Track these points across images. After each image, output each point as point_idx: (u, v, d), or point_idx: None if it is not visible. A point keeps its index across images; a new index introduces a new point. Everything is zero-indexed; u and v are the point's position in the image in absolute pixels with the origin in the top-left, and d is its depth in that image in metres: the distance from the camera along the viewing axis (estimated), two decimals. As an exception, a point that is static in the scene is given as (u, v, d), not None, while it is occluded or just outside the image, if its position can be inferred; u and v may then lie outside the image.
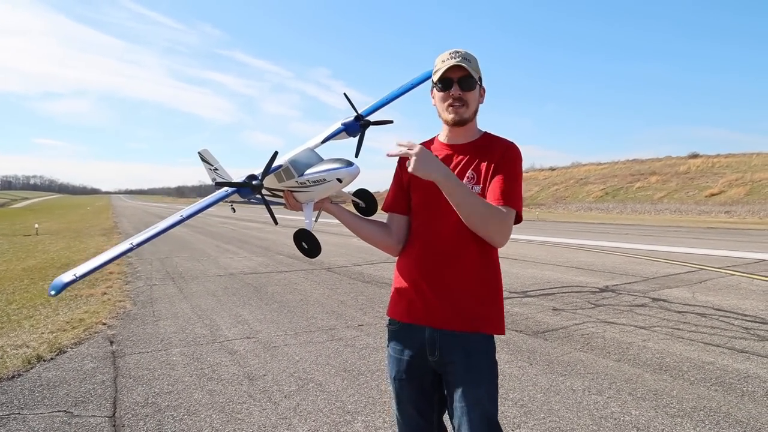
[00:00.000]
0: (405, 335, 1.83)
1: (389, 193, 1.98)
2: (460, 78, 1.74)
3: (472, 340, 1.74)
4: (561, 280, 8.34)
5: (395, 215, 1.94)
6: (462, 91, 1.75)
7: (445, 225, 1.77)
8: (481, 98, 1.84)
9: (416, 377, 1.82)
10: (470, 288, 1.76)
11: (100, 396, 3.72)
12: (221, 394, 3.75)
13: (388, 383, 2.06)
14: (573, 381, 3.91)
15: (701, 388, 3.74)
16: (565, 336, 5.09)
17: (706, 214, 33.44)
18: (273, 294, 7.52)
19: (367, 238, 1.93)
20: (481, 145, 1.83)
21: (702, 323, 5.54)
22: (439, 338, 1.75)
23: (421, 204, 1.85)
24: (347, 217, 1.92)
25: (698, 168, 44.58)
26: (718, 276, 8.62)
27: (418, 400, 1.83)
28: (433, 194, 1.77)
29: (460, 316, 1.75)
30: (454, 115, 1.77)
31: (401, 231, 1.92)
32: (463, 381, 1.71)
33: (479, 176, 1.77)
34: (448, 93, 1.76)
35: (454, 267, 1.76)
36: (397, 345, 1.86)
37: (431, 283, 1.78)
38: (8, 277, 9.36)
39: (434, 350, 1.76)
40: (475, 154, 1.81)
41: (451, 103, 1.77)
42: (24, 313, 6.32)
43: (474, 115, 1.81)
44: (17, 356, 4.58)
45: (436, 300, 1.76)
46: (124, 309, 6.50)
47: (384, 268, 9.76)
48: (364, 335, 5.25)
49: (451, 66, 1.73)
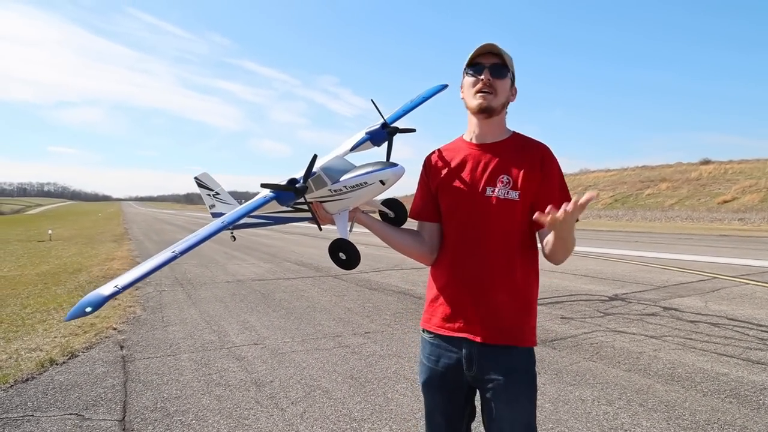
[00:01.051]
0: (440, 346, 1.76)
1: (416, 199, 1.89)
2: (493, 65, 1.67)
3: (513, 355, 1.67)
4: (570, 288, 8.27)
5: (426, 223, 1.85)
6: (493, 78, 1.67)
7: (484, 233, 1.69)
8: (513, 96, 1.75)
9: (449, 389, 1.75)
10: (511, 299, 1.68)
11: (110, 400, 3.75)
12: (229, 399, 3.76)
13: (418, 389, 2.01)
14: (582, 391, 3.87)
15: (715, 400, 3.68)
16: (574, 345, 5.05)
17: (718, 222, 33.01)
18: (280, 301, 7.54)
19: (400, 249, 1.85)
20: (513, 146, 1.73)
21: (715, 333, 5.46)
22: (476, 352, 1.68)
23: (453, 210, 1.76)
24: (380, 227, 1.85)
25: (710, 174, 44.06)
26: (731, 285, 8.49)
27: (449, 411, 1.77)
28: (465, 200, 1.71)
29: (500, 329, 1.67)
30: (482, 101, 1.67)
31: (434, 239, 1.83)
32: (501, 399, 1.64)
33: (516, 182, 1.67)
34: (478, 78, 1.68)
35: (495, 277, 1.67)
36: (431, 355, 1.78)
37: (470, 294, 1.69)
38: (23, 281, 9.49)
39: (471, 365, 1.69)
40: (507, 157, 1.71)
41: (479, 89, 1.68)
42: (38, 317, 6.40)
43: (502, 108, 1.72)
44: (31, 359, 4.64)
45: (475, 313, 1.69)
46: (134, 314, 6.56)
47: (391, 276, 9.75)
48: (371, 342, 5.24)
49: (484, 52, 1.67)
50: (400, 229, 1.90)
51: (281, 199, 1.80)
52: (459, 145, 1.82)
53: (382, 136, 2.10)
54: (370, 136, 2.10)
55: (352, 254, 1.81)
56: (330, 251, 1.83)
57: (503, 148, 1.73)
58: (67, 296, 7.84)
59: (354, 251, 1.81)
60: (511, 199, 1.66)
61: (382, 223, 1.88)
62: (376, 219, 1.89)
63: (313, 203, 1.86)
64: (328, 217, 1.86)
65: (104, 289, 1.41)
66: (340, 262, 1.83)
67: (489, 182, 1.69)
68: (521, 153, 1.71)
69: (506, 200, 1.67)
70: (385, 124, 2.10)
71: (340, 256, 1.82)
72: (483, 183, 1.70)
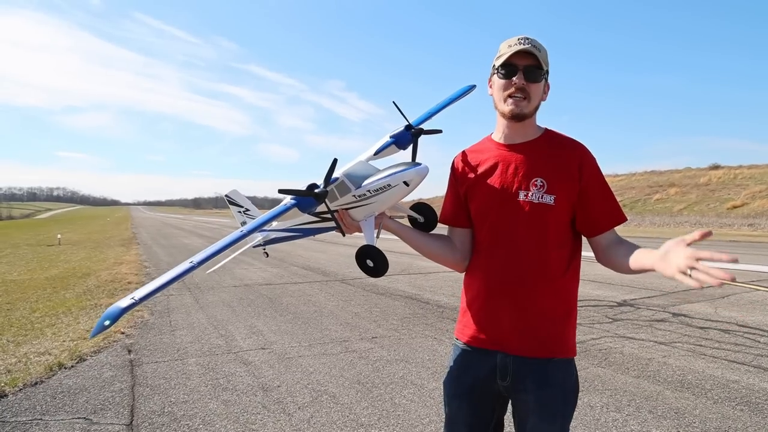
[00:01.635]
0: (473, 357, 1.68)
1: (446, 204, 1.81)
2: (527, 67, 1.55)
3: (549, 368, 1.59)
4: (578, 294, 8.21)
5: (456, 229, 1.77)
6: (527, 82, 1.55)
7: (519, 238, 1.60)
8: (545, 95, 1.63)
9: (477, 400, 1.67)
10: (552, 307, 1.60)
11: (118, 404, 3.77)
12: (236, 404, 3.77)
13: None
14: (591, 397, 3.84)
15: (726, 408, 3.63)
16: (583, 351, 5.01)
17: (728, 227, 32.70)
18: (287, 305, 7.55)
19: (431, 256, 1.78)
20: (546, 145, 1.63)
21: (725, 340, 5.40)
22: (511, 364, 1.60)
23: (485, 216, 1.67)
24: (409, 234, 1.77)
25: (719, 179, 43.67)
26: (742, 291, 8.40)
27: (475, 424, 1.68)
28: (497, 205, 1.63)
29: (539, 339, 1.59)
30: (514, 107, 1.57)
31: (466, 246, 1.75)
32: (535, 413, 1.58)
33: (551, 185, 1.58)
34: (510, 81, 1.56)
35: (535, 284, 1.59)
36: (462, 364, 1.70)
37: (507, 303, 1.60)
38: (32, 286, 9.57)
39: (506, 376, 1.61)
40: (540, 157, 1.61)
41: (511, 93, 1.56)
42: (47, 321, 6.45)
43: (535, 111, 1.61)
44: (40, 363, 4.67)
45: (511, 323, 1.60)
46: (141, 318, 6.59)
47: (398, 281, 9.74)
48: (378, 347, 5.23)
49: (518, 51, 1.53)
50: (430, 235, 1.82)
51: (302, 206, 1.72)
52: (487, 146, 1.71)
53: (406, 138, 1.99)
54: (394, 139, 2.01)
55: (379, 261, 1.74)
56: (357, 258, 1.77)
57: (535, 148, 1.63)
58: (75, 300, 7.89)
59: (382, 258, 1.74)
60: (546, 203, 1.57)
61: (411, 230, 1.80)
62: (404, 225, 1.80)
63: (339, 211, 1.79)
64: (355, 225, 1.78)
65: (122, 301, 1.41)
66: (367, 269, 1.77)
67: (522, 186, 1.59)
68: (556, 153, 1.61)
69: (541, 204, 1.57)
70: (409, 126, 2.00)
71: (368, 263, 1.76)
72: (516, 187, 1.60)
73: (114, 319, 1.36)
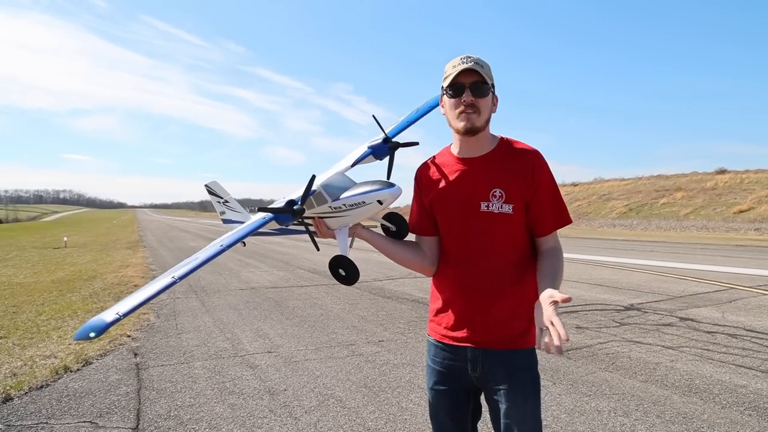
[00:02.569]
0: (446, 351, 1.83)
1: (413, 214, 1.92)
2: (473, 83, 1.66)
3: (516, 358, 1.73)
4: (585, 298, 8.18)
5: (424, 237, 1.89)
6: (474, 97, 1.66)
7: (484, 246, 1.74)
8: (494, 107, 1.75)
9: (454, 388, 1.82)
10: (517, 306, 1.74)
11: (124, 407, 3.78)
12: (242, 408, 3.77)
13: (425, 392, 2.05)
14: (598, 402, 3.81)
15: (734, 413, 3.60)
16: (590, 355, 4.98)
17: (734, 232, 32.48)
18: (294, 308, 7.55)
19: (402, 262, 1.89)
20: (501, 156, 1.74)
21: (733, 344, 5.36)
22: (481, 356, 1.75)
23: (450, 226, 1.80)
24: (381, 242, 1.88)
25: (726, 184, 43.43)
26: (749, 295, 8.34)
27: (454, 410, 1.84)
28: (460, 215, 1.76)
29: (503, 334, 1.74)
30: (466, 122, 1.68)
31: (434, 252, 1.88)
32: (507, 398, 1.71)
33: (509, 194, 1.70)
34: (459, 99, 1.68)
35: (502, 287, 1.73)
36: (437, 357, 1.86)
37: (477, 306, 1.75)
38: (38, 288, 9.62)
39: (476, 367, 1.76)
40: (497, 169, 1.72)
41: (462, 110, 1.68)
42: (52, 324, 6.48)
43: (486, 123, 1.73)
44: (46, 366, 4.69)
45: (481, 323, 1.75)
46: (147, 321, 6.61)
47: (405, 284, 9.73)
48: (384, 351, 5.22)
49: (463, 70, 1.65)
50: (401, 242, 1.92)
51: (280, 220, 1.84)
52: (448, 159, 1.83)
53: (383, 150, 2.11)
54: (372, 150, 2.11)
55: (350, 270, 1.84)
56: (330, 267, 1.86)
57: (492, 160, 1.74)
58: (81, 303, 7.93)
59: (353, 268, 1.83)
60: (505, 212, 1.70)
61: (383, 238, 1.90)
62: (377, 234, 1.90)
63: (315, 218, 1.90)
64: (329, 233, 1.88)
65: (107, 314, 1.42)
66: (340, 277, 1.86)
67: (482, 197, 1.71)
68: (511, 163, 1.72)
69: (501, 214, 1.70)
70: (387, 138, 2.10)
71: (340, 272, 1.85)
72: (476, 198, 1.72)
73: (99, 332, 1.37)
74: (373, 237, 1.87)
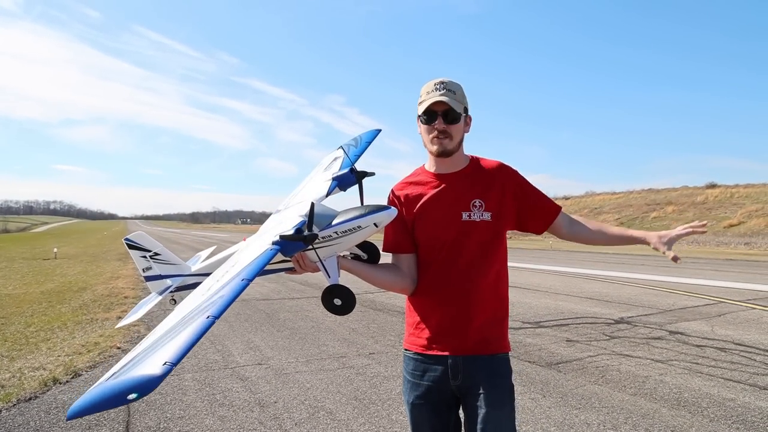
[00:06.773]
0: (425, 363, 1.85)
1: (388, 234, 1.94)
2: (444, 111, 1.78)
3: (494, 362, 1.81)
4: (575, 311, 8.22)
5: (402, 255, 1.91)
6: (446, 125, 1.78)
7: (467, 254, 1.81)
8: (467, 127, 1.87)
9: (434, 401, 1.84)
10: (489, 313, 1.82)
11: (113, 420, 3.75)
12: (232, 420, 3.75)
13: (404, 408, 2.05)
14: (588, 415, 3.84)
15: (722, 426, 3.64)
16: (580, 368, 5.01)
17: (724, 246, 32.78)
18: (285, 320, 7.53)
19: (383, 285, 1.91)
20: (476, 171, 1.88)
21: (722, 358, 5.41)
22: (461, 363, 1.79)
23: (434, 238, 1.85)
24: (361, 269, 1.87)
25: (716, 198, 43.92)
26: (738, 309, 8.42)
27: (436, 424, 1.85)
28: (444, 227, 1.82)
29: (483, 342, 1.81)
30: (439, 146, 1.81)
31: (412, 269, 1.90)
32: (485, 403, 1.74)
33: (488, 203, 1.83)
34: (432, 126, 1.80)
35: (483, 294, 1.81)
36: (416, 371, 1.87)
37: (458, 313, 1.81)
38: (27, 300, 9.53)
39: (457, 375, 1.79)
40: (472, 182, 1.86)
41: (435, 136, 1.80)
42: (41, 335, 6.42)
43: (459, 145, 1.85)
44: (34, 378, 4.64)
45: (463, 331, 1.80)
46: (138, 333, 6.56)
47: (395, 297, 9.72)
48: (375, 363, 5.22)
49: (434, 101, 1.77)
50: (380, 266, 1.92)
51: (286, 250, 1.71)
52: (424, 177, 1.92)
53: (350, 180, 2.11)
54: (338, 182, 2.10)
55: (346, 297, 1.76)
56: (323, 300, 1.77)
57: (467, 175, 1.88)
58: (71, 314, 7.86)
59: (350, 294, 1.76)
60: (485, 219, 1.82)
61: (364, 265, 1.90)
62: (357, 262, 1.89)
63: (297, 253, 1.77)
64: (312, 266, 1.80)
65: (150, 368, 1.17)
66: (335, 308, 1.77)
67: (464, 207, 1.83)
68: (485, 177, 1.87)
69: (482, 222, 1.82)
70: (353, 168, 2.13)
71: (335, 302, 1.76)
72: (458, 209, 1.83)
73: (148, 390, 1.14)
74: (354, 265, 1.86)
